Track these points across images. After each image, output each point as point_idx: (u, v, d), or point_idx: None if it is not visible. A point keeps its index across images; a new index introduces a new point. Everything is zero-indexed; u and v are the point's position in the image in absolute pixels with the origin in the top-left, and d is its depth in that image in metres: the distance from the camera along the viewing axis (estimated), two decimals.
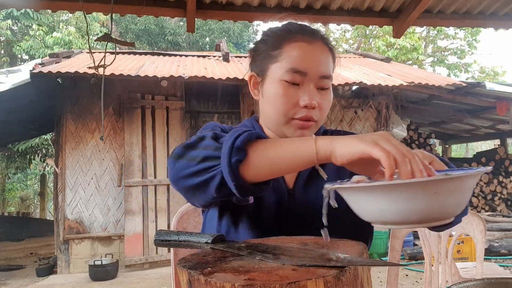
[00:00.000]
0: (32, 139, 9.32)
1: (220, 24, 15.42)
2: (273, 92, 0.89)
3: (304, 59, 0.88)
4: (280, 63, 0.89)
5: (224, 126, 0.97)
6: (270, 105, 0.91)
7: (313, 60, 0.89)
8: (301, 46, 0.89)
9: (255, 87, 0.97)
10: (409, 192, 0.56)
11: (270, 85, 0.90)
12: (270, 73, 0.91)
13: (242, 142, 0.71)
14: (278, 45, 0.90)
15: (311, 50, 0.89)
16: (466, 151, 17.24)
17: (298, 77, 0.87)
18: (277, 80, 0.89)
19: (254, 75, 0.96)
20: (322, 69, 0.89)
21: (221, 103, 6.66)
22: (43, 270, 5.65)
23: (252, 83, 0.98)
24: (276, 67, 0.89)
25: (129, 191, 5.66)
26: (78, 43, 10.91)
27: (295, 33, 0.91)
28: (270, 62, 0.91)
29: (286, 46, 0.89)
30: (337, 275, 0.48)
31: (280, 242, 0.66)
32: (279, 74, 0.88)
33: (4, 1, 2.80)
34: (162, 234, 0.69)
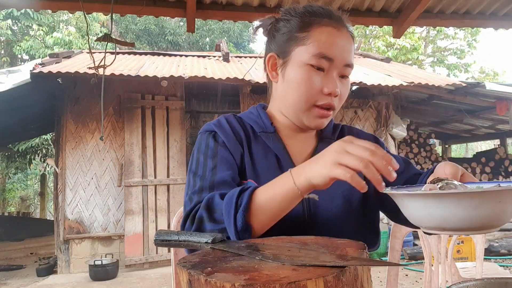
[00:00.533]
0: (32, 139, 9.33)
1: (220, 24, 15.42)
2: (297, 76, 0.86)
3: (332, 45, 0.86)
4: (306, 46, 0.86)
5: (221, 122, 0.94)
6: (293, 89, 0.88)
7: (340, 47, 0.86)
8: (330, 31, 0.86)
9: (273, 68, 0.93)
10: (478, 200, 0.57)
11: (295, 69, 0.87)
12: (295, 56, 0.87)
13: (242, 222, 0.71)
14: (305, 27, 0.87)
15: (339, 37, 0.87)
16: (466, 151, 17.26)
17: (325, 62, 0.85)
18: (302, 63, 0.86)
19: (274, 56, 0.92)
20: (347, 57, 0.88)
21: (221, 103, 6.67)
22: (43, 270, 5.65)
23: (270, 64, 0.93)
24: (301, 50, 0.86)
25: (129, 191, 5.66)
26: (78, 43, 10.92)
27: (324, 16, 0.88)
28: (296, 44, 0.87)
29: (314, 29, 0.86)
30: (337, 275, 0.48)
31: (280, 242, 0.67)
32: (305, 58, 0.86)
33: (4, 1, 2.80)
34: (162, 234, 0.70)
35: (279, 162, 0.91)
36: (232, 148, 0.90)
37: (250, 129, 0.95)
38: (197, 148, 0.92)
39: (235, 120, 0.96)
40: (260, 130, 0.94)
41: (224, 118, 0.96)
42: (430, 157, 7.74)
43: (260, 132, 0.94)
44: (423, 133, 7.93)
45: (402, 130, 6.45)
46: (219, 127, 0.93)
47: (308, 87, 0.86)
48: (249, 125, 0.96)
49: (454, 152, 17.18)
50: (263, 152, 0.92)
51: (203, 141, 0.92)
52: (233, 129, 0.93)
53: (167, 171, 5.88)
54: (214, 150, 0.89)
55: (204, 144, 0.91)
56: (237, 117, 0.98)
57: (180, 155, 5.98)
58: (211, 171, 0.86)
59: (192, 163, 0.91)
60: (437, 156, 7.89)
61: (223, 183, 0.84)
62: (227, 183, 0.84)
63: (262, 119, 0.96)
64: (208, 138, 0.92)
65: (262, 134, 0.93)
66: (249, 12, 2.81)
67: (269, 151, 0.92)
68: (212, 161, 0.88)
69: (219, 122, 0.95)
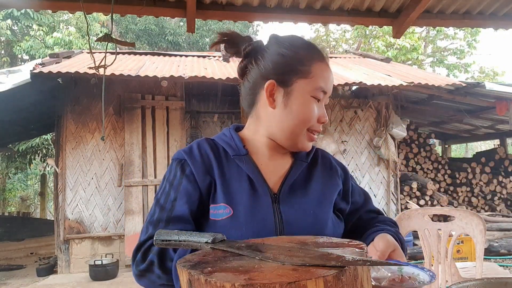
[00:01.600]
0: (32, 139, 9.32)
1: (220, 24, 15.40)
2: (302, 106, 0.95)
3: (327, 80, 0.98)
4: (309, 80, 0.95)
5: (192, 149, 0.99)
6: (296, 117, 0.95)
7: (331, 82, 0.99)
8: (326, 68, 0.98)
9: (271, 95, 0.97)
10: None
11: (299, 99, 0.95)
12: (298, 87, 0.95)
13: None
14: (307, 62, 0.96)
15: (330, 72, 1.00)
16: (466, 151, 17.25)
17: (322, 95, 0.97)
18: (306, 95, 0.95)
19: (273, 83, 0.96)
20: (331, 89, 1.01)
21: (221, 103, 6.66)
22: (43, 270, 5.65)
23: (269, 91, 0.97)
24: (304, 82, 0.95)
25: (129, 191, 5.66)
26: (78, 43, 10.91)
27: (321, 54, 0.99)
28: (298, 76, 0.95)
29: (315, 65, 0.96)
30: (337, 275, 0.48)
31: (280, 242, 0.67)
32: (308, 90, 0.95)
33: (4, 1, 2.80)
34: (162, 234, 0.70)
35: (252, 183, 0.95)
36: (200, 178, 0.94)
37: (223, 151, 1.00)
38: (167, 176, 0.99)
39: (207, 146, 1.00)
40: (233, 153, 0.99)
41: (197, 144, 1.01)
42: (430, 157, 7.74)
43: (233, 155, 0.99)
44: (423, 133, 7.93)
45: (402, 130, 6.44)
46: (189, 155, 0.97)
47: (311, 116, 0.96)
48: (222, 148, 1.01)
49: (454, 152, 17.17)
50: (236, 174, 0.96)
51: (173, 169, 0.98)
52: (203, 156, 0.97)
53: None
54: (179, 181, 0.95)
55: (173, 173, 0.97)
56: (210, 141, 1.03)
57: None
58: (171, 203, 0.93)
59: (160, 189, 0.98)
60: (437, 156, 7.89)
61: (180, 219, 0.90)
62: (183, 219, 0.90)
63: (234, 142, 1.01)
64: (177, 167, 0.97)
65: (235, 157, 0.98)
66: (249, 12, 2.80)
67: (242, 173, 0.96)
68: (174, 192, 0.94)
69: (191, 149, 0.99)
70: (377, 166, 6.57)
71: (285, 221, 0.92)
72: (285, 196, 0.96)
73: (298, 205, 0.95)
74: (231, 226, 0.89)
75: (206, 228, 0.91)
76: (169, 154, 5.92)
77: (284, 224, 0.92)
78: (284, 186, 0.97)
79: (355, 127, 6.58)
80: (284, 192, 0.96)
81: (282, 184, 0.97)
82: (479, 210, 7.47)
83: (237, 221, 0.90)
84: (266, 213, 0.92)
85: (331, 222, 0.97)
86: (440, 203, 6.74)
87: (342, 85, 5.57)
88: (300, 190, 0.98)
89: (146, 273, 0.87)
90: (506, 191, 7.68)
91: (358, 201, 1.08)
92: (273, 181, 0.98)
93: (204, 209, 0.93)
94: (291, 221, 0.92)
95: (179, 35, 15.60)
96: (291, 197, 0.96)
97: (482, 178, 7.68)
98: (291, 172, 1.00)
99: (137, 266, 0.88)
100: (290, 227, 0.91)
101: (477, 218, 1.70)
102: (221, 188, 0.93)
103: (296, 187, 0.98)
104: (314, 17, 2.86)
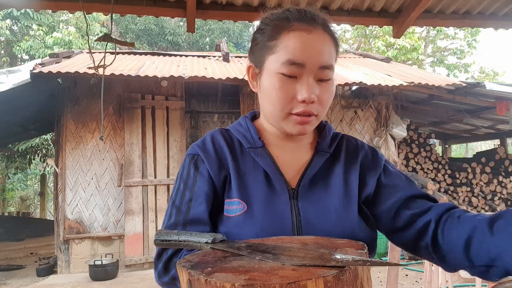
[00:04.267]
0: (32, 139, 9.32)
1: (220, 24, 15.42)
2: (269, 86, 0.84)
3: (301, 50, 0.81)
4: (276, 54, 0.83)
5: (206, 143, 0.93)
6: (267, 99, 0.86)
7: (311, 50, 0.81)
8: (298, 35, 0.82)
9: (253, 78, 0.92)
10: None
11: (267, 78, 0.85)
12: (267, 65, 0.85)
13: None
14: (274, 35, 0.84)
15: (309, 39, 0.82)
16: (466, 151, 17.24)
17: (295, 69, 0.81)
18: (273, 72, 0.83)
19: (252, 66, 0.92)
20: (322, 59, 0.82)
21: (221, 103, 6.67)
22: (43, 270, 5.65)
23: (250, 74, 0.93)
24: (272, 59, 0.83)
25: (129, 191, 5.66)
26: (78, 43, 10.91)
27: (293, 21, 0.84)
28: (267, 53, 0.85)
29: (283, 36, 0.83)
30: (337, 275, 0.48)
31: (280, 242, 0.67)
32: (275, 67, 0.83)
33: (4, 1, 2.80)
34: (162, 234, 0.70)
35: (268, 178, 0.88)
36: (215, 174, 0.89)
37: (238, 144, 0.93)
38: (180, 174, 0.93)
39: (221, 138, 0.94)
40: (249, 145, 0.92)
41: (210, 137, 0.94)
42: (430, 157, 7.74)
43: (248, 148, 0.92)
44: (423, 133, 7.93)
45: (402, 130, 6.45)
46: (203, 149, 0.91)
47: (280, 96, 0.83)
48: (237, 140, 0.94)
49: (454, 152, 17.18)
50: (252, 168, 0.90)
51: (186, 166, 0.92)
52: (217, 150, 0.91)
53: (167, 171, 5.88)
54: (193, 180, 0.89)
55: (186, 171, 0.91)
56: (225, 132, 0.96)
57: (180, 155, 5.98)
58: (187, 204, 0.87)
59: (174, 189, 0.92)
60: (437, 156, 7.89)
61: (197, 221, 0.85)
62: (200, 221, 0.84)
63: (250, 133, 0.94)
64: (190, 164, 0.91)
65: (250, 150, 0.91)
66: (249, 12, 2.81)
67: (258, 167, 0.90)
68: (189, 192, 0.88)
69: (204, 143, 0.93)
70: None
71: (303, 219, 0.84)
72: (304, 192, 0.87)
73: (319, 202, 0.86)
74: (245, 223, 0.83)
75: (220, 224, 0.85)
76: (169, 154, 5.93)
77: (303, 223, 0.84)
78: (303, 181, 0.88)
79: (355, 127, 6.58)
80: (304, 187, 0.88)
81: (301, 178, 0.89)
82: (479, 210, 7.46)
83: (251, 218, 0.83)
84: (283, 210, 0.85)
85: (358, 220, 0.88)
86: None
87: (342, 85, 5.58)
88: (321, 185, 0.89)
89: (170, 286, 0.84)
90: (506, 191, 7.68)
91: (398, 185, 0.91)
92: (291, 175, 0.90)
93: (219, 205, 0.87)
94: (311, 220, 0.84)
95: (179, 35, 15.61)
96: (311, 193, 0.87)
97: (482, 178, 7.68)
98: (312, 165, 0.90)
99: (160, 278, 0.84)
100: (309, 226, 0.84)
101: None
102: (235, 183, 0.87)
103: (317, 182, 0.89)
104: None
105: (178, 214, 0.87)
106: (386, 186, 0.91)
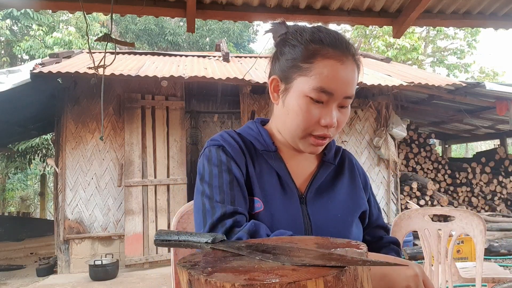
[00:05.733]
0: (32, 139, 9.32)
1: (220, 24, 15.42)
2: (296, 106, 0.87)
3: (334, 80, 0.85)
4: (308, 78, 0.86)
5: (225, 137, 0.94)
6: (291, 117, 0.89)
7: (341, 81, 0.86)
8: (332, 65, 0.85)
9: (275, 90, 0.94)
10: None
11: (294, 98, 0.88)
12: (296, 85, 0.87)
13: None
14: (309, 58, 0.86)
15: (342, 70, 0.86)
16: (466, 151, 17.24)
17: (324, 96, 0.85)
18: (302, 94, 0.86)
19: (276, 79, 0.93)
20: (348, 90, 0.87)
21: (221, 103, 6.66)
22: (43, 270, 5.65)
23: (273, 86, 0.94)
24: (303, 80, 0.86)
25: (129, 191, 5.66)
26: (78, 43, 10.91)
27: (328, 46, 0.87)
28: (298, 73, 0.87)
29: (317, 61, 0.85)
30: (337, 275, 0.48)
31: (280, 242, 0.67)
32: (305, 89, 0.86)
33: (4, 1, 2.80)
34: (162, 234, 0.70)
35: (281, 181, 0.92)
36: (239, 163, 0.90)
37: (251, 145, 0.95)
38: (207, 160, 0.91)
39: (237, 136, 0.96)
40: (262, 148, 0.94)
41: (227, 133, 0.96)
42: (430, 157, 7.74)
43: (262, 150, 0.93)
44: (423, 133, 7.93)
45: (402, 130, 6.45)
46: (225, 141, 0.93)
47: (305, 118, 0.87)
48: (249, 142, 0.96)
49: (454, 152, 17.17)
50: (266, 169, 0.92)
51: (213, 154, 0.91)
52: (238, 144, 0.93)
53: (167, 171, 5.88)
54: (227, 165, 0.89)
55: (216, 157, 0.90)
56: (236, 134, 0.97)
57: (180, 155, 5.98)
58: (228, 185, 0.86)
59: (205, 175, 0.89)
60: (437, 156, 7.89)
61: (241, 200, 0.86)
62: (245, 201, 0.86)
63: (263, 137, 0.96)
64: (218, 152, 0.91)
65: (264, 152, 0.93)
66: (249, 12, 2.81)
67: (271, 170, 0.93)
68: (227, 174, 0.88)
69: (223, 137, 0.94)
70: (377, 166, 6.57)
71: (313, 223, 0.89)
72: (312, 198, 0.92)
73: (325, 209, 0.92)
74: (262, 222, 0.84)
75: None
76: (169, 154, 5.92)
77: (313, 227, 0.89)
78: (311, 188, 0.93)
79: (355, 127, 6.58)
80: (311, 194, 0.93)
81: (309, 186, 0.94)
82: (479, 210, 7.46)
83: (267, 218, 0.86)
84: (296, 213, 0.89)
85: (355, 227, 0.94)
86: (440, 203, 6.74)
87: None
88: (326, 193, 0.95)
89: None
90: (506, 191, 7.68)
91: (374, 213, 1.04)
92: (299, 181, 0.94)
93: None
94: (320, 225, 0.89)
95: (179, 35, 15.60)
96: (317, 200, 0.93)
97: (482, 178, 7.67)
98: (318, 174, 0.96)
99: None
100: (319, 230, 0.89)
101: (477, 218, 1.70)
102: (255, 181, 0.90)
103: (323, 190, 0.95)
104: (314, 17, 2.86)
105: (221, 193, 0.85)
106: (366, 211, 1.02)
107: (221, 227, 0.80)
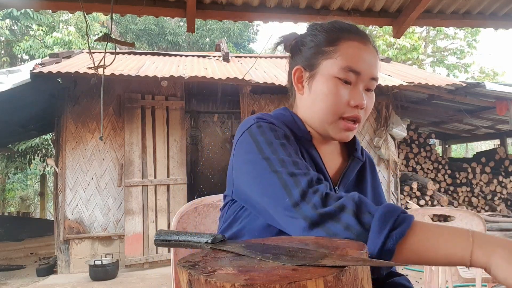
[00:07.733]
0: (32, 139, 9.32)
1: (220, 24, 15.42)
2: (325, 89, 0.88)
3: (360, 59, 0.87)
4: (334, 60, 0.87)
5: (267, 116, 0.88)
6: (320, 102, 0.89)
7: (367, 61, 0.88)
8: (357, 45, 0.89)
9: (299, 81, 0.94)
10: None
11: (322, 82, 0.88)
12: (322, 69, 0.89)
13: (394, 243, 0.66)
14: (333, 41, 0.89)
15: (365, 51, 0.89)
16: (466, 151, 17.25)
17: (352, 76, 0.87)
18: (330, 76, 0.87)
19: (300, 68, 0.93)
20: (374, 70, 0.89)
21: (221, 103, 6.67)
22: (43, 270, 5.65)
23: (296, 77, 0.94)
24: (329, 63, 0.88)
25: (129, 191, 5.66)
26: (78, 43, 10.91)
27: (350, 32, 0.90)
28: (323, 57, 0.89)
29: (342, 43, 0.88)
30: (337, 275, 0.48)
31: (280, 242, 0.67)
32: (333, 71, 0.87)
33: (4, 1, 2.80)
34: (162, 234, 0.70)
35: (317, 169, 0.89)
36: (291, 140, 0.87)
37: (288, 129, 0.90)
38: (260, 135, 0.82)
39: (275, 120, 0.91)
40: (301, 134, 0.91)
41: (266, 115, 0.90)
42: (430, 157, 7.74)
43: (301, 136, 0.91)
44: (423, 133, 7.93)
45: (402, 130, 6.45)
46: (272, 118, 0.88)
47: (335, 100, 0.87)
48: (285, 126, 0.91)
49: (454, 152, 17.18)
50: (306, 155, 0.90)
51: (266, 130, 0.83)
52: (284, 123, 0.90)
53: (167, 171, 5.88)
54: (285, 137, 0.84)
55: (269, 134, 0.83)
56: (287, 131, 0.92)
57: (180, 155, 5.98)
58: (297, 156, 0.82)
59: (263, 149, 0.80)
60: (437, 156, 7.89)
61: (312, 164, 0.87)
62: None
63: (298, 124, 0.93)
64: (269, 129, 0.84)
65: (302, 139, 0.91)
66: (249, 12, 2.81)
67: (307, 157, 0.89)
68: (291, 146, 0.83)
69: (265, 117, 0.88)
70: (377, 166, 6.54)
71: None
72: (343, 191, 0.92)
73: None
74: None
75: None
76: (169, 154, 5.93)
77: None
78: (343, 180, 0.93)
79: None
80: (343, 187, 0.93)
81: (341, 178, 0.93)
82: (479, 210, 7.46)
83: None
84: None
85: None
86: (440, 203, 6.74)
87: None
88: (356, 188, 0.95)
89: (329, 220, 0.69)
90: (506, 191, 7.68)
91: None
92: (331, 173, 0.94)
93: None
94: None
95: (179, 35, 15.61)
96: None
97: (482, 178, 7.67)
98: (349, 169, 0.96)
99: (315, 209, 0.70)
100: None
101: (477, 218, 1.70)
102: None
103: (352, 185, 0.96)
104: (314, 17, 2.86)
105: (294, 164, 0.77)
106: None
107: (313, 193, 0.72)
